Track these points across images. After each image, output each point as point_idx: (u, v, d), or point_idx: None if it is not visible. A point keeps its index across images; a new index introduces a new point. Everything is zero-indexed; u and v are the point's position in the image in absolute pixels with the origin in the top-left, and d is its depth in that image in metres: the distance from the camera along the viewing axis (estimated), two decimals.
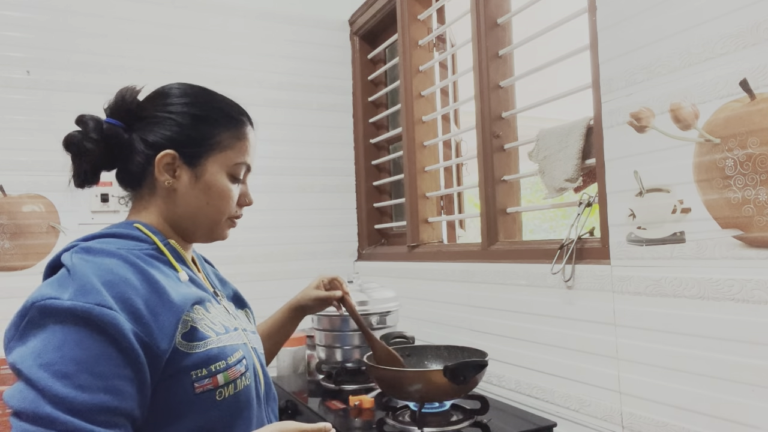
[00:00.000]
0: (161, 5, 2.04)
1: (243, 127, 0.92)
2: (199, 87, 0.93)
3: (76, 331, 0.68)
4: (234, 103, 0.94)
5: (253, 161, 0.94)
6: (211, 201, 0.89)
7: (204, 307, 0.84)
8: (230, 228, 0.95)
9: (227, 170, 0.90)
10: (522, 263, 1.43)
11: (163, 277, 0.80)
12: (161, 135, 0.87)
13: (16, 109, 1.82)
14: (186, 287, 0.83)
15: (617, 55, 1.14)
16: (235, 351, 0.83)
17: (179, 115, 0.88)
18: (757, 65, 0.89)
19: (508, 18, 1.58)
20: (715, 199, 0.96)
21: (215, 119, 0.89)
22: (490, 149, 1.59)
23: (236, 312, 0.98)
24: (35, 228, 1.82)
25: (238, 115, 0.92)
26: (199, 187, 0.89)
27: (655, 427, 1.08)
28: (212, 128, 0.89)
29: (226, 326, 0.86)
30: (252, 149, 0.94)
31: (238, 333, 0.88)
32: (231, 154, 0.90)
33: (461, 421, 1.23)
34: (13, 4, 1.83)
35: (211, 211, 0.90)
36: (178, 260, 0.88)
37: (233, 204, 0.91)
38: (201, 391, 0.77)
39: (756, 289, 0.90)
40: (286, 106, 2.25)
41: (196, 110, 0.89)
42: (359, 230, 2.37)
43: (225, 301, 0.96)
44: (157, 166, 0.86)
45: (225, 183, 0.89)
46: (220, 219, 0.91)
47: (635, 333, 1.12)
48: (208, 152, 0.88)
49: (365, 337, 1.29)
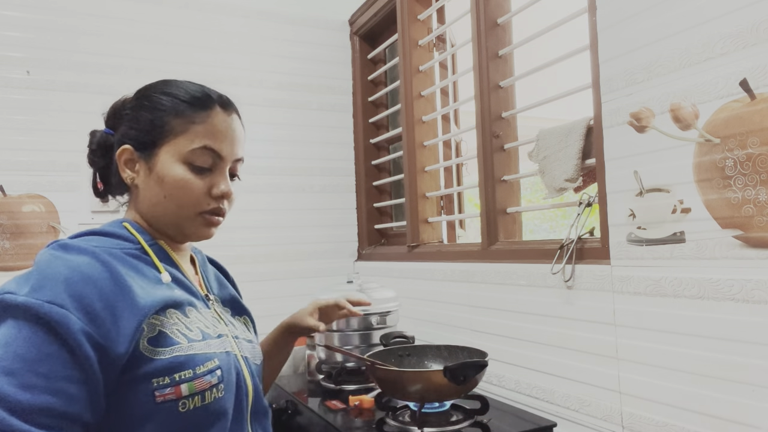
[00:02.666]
0: (161, 5, 2.04)
1: (201, 110, 0.85)
2: (163, 80, 0.89)
3: (28, 327, 0.66)
4: (193, 87, 0.88)
5: (228, 147, 0.86)
6: (168, 194, 0.83)
7: (182, 311, 0.80)
8: (209, 225, 0.87)
9: (182, 158, 0.83)
10: (522, 263, 1.43)
11: (138, 278, 0.77)
12: (122, 132, 0.87)
13: (16, 109, 1.82)
14: (164, 289, 0.79)
15: (617, 55, 1.14)
16: (207, 360, 0.78)
17: (133, 108, 0.87)
18: (757, 65, 0.89)
19: (508, 18, 1.58)
20: (715, 199, 0.96)
21: (165, 105, 0.85)
22: (490, 149, 1.59)
23: (231, 319, 0.93)
24: (35, 228, 1.82)
25: (195, 97, 0.86)
26: (153, 179, 0.84)
27: (655, 427, 1.08)
28: (162, 115, 0.84)
29: (205, 333, 0.81)
30: (220, 134, 0.85)
31: (222, 341, 0.83)
32: (184, 140, 0.83)
33: (461, 421, 1.23)
34: (13, 4, 1.83)
35: (171, 206, 0.84)
36: (164, 261, 0.84)
37: (197, 196, 0.84)
38: (162, 400, 0.73)
39: (756, 289, 0.90)
40: (286, 106, 2.25)
41: (146, 100, 0.86)
42: (359, 230, 2.37)
43: (218, 306, 0.92)
44: (118, 163, 0.86)
45: (179, 172, 0.83)
46: (185, 214, 0.84)
47: (635, 333, 1.12)
48: (159, 141, 0.84)
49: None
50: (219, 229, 0.93)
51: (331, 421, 1.31)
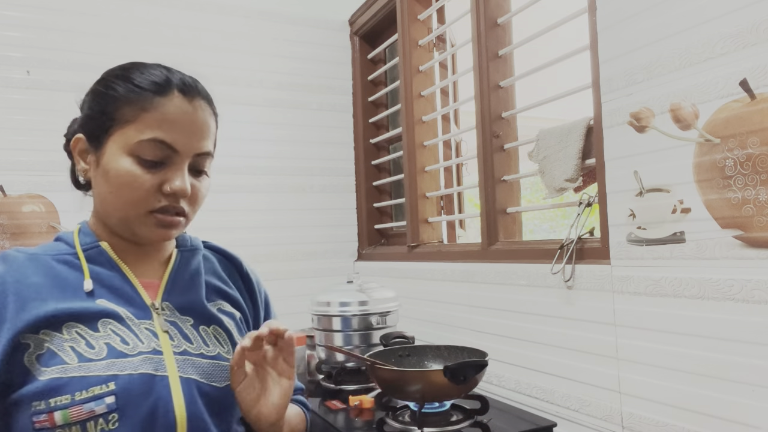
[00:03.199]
0: (161, 5, 2.04)
1: (154, 95, 0.75)
2: (128, 62, 0.81)
3: None
4: (155, 71, 0.78)
5: (184, 139, 0.76)
6: (113, 190, 0.75)
7: (90, 324, 0.72)
8: (162, 226, 0.77)
9: (128, 150, 0.74)
10: (522, 263, 1.43)
11: (53, 286, 0.72)
12: (81, 121, 0.81)
13: (16, 109, 1.82)
14: (77, 300, 0.73)
15: (617, 55, 1.14)
16: (94, 384, 0.67)
17: (90, 94, 0.80)
18: (757, 65, 0.89)
19: (508, 18, 1.58)
20: (715, 199, 0.96)
21: (118, 91, 0.76)
22: (490, 149, 1.59)
23: (189, 330, 0.80)
24: (35, 228, 1.82)
25: (152, 82, 0.76)
26: (100, 173, 0.76)
27: (655, 427, 1.08)
28: (113, 101, 0.76)
29: (116, 350, 0.71)
30: (175, 124, 0.75)
31: (143, 360, 0.72)
32: (132, 130, 0.74)
33: (461, 421, 1.23)
34: (13, 4, 1.83)
35: (116, 202, 0.75)
36: (103, 265, 0.78)
37: (144, 192, 0.74)
38: (39, 427, 0.66)
39: (756, 289, 0.90)
40: (286, 106, 2.25)
41: (101, 85, 0.79)
42: (359, 230, 2.37)
43: (167, 316, 0.79)
44: (73, 154, 0.80)
45: (124, 166, 0.74)
46: (133, 212, 0.75)
47: (635, 333, 1.12)
48: (107, 130, 0.76)
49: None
50: (219, 229, 0.89)
51: (331, 421, 1.31)
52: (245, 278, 0.96)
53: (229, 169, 2.10)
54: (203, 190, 0.82)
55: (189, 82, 0.79)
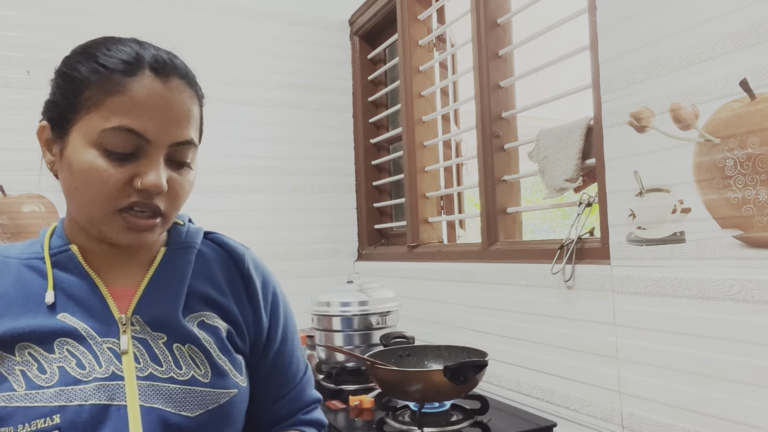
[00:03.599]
0: (161, 5, 2.04)
1: (122, 76, 0.64)
2: (97, 38, 0.71)
3: None
4: (125, 48, 0.67)
5: (156, 125, 0.65)
6: (77, 185, 0.66)
7: (43, 346, 0.64)
8: (132, 228, 0.67)
9: (92, 140, 0.64)
10: (522, 263, 1.43)
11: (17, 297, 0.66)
12: (45, 107, 0.72)
13: (16, 109, 1.81)
14: (35, 316, 0.65)
15: (617, 55, 1.14)
16: (37, 417, 0.61)
17: (55, 75, 0.71)
18: (757, 65, 0.89)
19: (508, 18, 1.58)
20: (715, 199, 0.96)
21: (81, 72, 0.66)
22: (490, 149, 1.59)
23: (161, 350, 0.69)
24: (35, 228, 1.82)
25: (120, 60, 0.65)
26: (64, 165, 0.68)
27: (655, 427, 1.08)
28: (75, 84, 0.66)
29: (69, 376, 0.63)
30: (145, 108, 0.64)
31: (99, 387, 0.64)
32: (96, 116, 0.64)
33: (461, 421, 1.23)
34: (13, 4, 1.83)
35: (81, 200, 0.67)
36: (70, 271, 0.70)
37: (109, 188, 0.64)
38: None
39: (756, 289, 0.90)
40: (286, 106, 2.25)
41: (64, 65, 0.70)
42: (359, 230, 2.37)
43: (134, 333, 0.69)
44: (40, 144, 0.72)
45: (87, 159, 0.64)
46: (99, 211, 0.66)
47: (635, 333, 1.12)
48: (70, 118, 0.66)
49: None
50: (219, 229, 0.83)
51: (331, 421, 1.31)
52: (246, 278, 0.81)
53: (229, 169, 2.11)
54: (185, 184, 0.70)
55: (163, 58, 0.68)
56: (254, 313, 0.81)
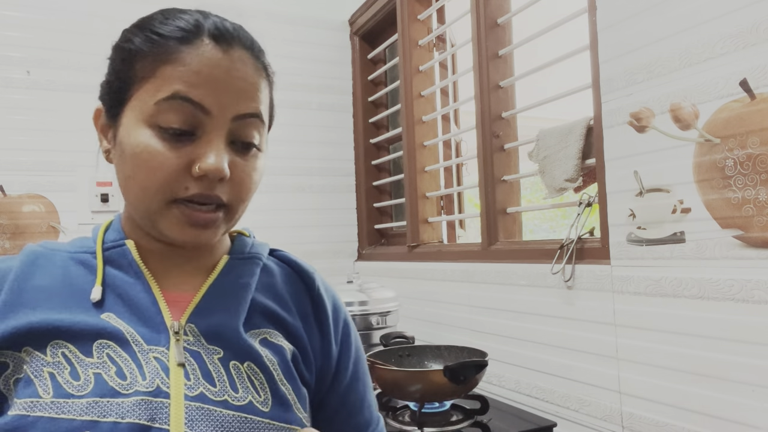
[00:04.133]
0: (161, 6, 2.04)
1: (178, 43, 0.57)
2: (158, 10, 0.65)
3: None
4: (184, 15, 0.60)
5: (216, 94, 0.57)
6: (130, 172, 0.58)
7: (79, 346, 0.56)
8: (190, 223, 0.58)
9: (146, 117, 0.57)
10: (522, 263, 1.43)
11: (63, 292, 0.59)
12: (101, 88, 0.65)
13: (16, 109, 1.82)
14: (76, 312, 0.58)
15: (617, 55, 1.14)
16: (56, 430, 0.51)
17: (112, 51, 0.65)
18: (757, 65, 0.89)
19: (508, 18, 1.58)
20: (715, 199, 0.96)
21: (135, 43, 0.60)
22: (490, 149, 1.59)
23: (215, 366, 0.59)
24: (35, 228, 1.82)
25: (176, 28, 0.58)
26: (118, 151, 0.60)
27: (655, 427, 1.08)
28: (129, 58, 0.59)
29: (106, 387, 0.54)
30: (203, 75, 0.56)
31: (138, 402, 0.53)
32: (149, 89, 0.57)
33: (461, 421, 1.23)
34: (13, 4, 1.83)
35: (134, 189, 0.58)
36: (123, 268, 0.62)
37: (163, 175, 0.56)
38: None
39: (756, 289, 0.90)
40: (286, 106, 2.25)
41: (119, 40, 0.63)
42: (359, 230, 2.37)
43: (186, 344, 0.59)
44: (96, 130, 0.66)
45: (141, 140, 0.56)
46: (152, 203, 0.57)
47: (635, 333, 1.12)
48: (123, 95, 0.59)
49: None
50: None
51: None
52: (316, 301, 0.71)
53: None
54: (252, 171, 0.61)
55: (225, 26, 0.61)
56: (323, 339, 0.69)
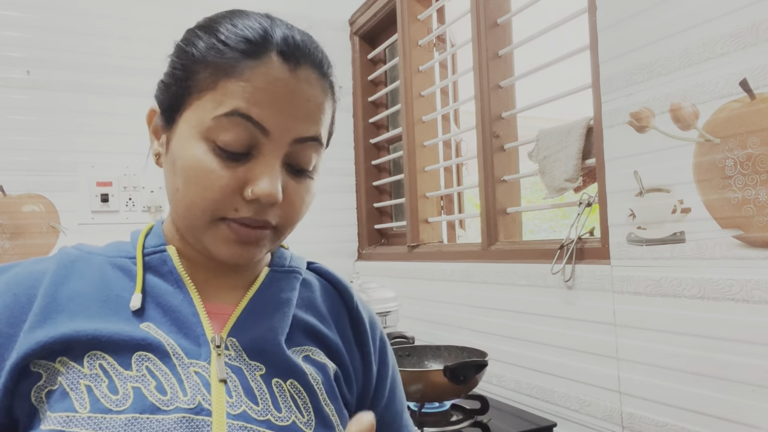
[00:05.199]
0: (162, 5, 2.04)
1: (243, 56, 0.54)
2: (226, 10, 0.62)
3: None
4: (253, 24, 0.56)
5: (278, 116, 0.54)
6: (181, 185, 0.55)
7: (118, 358, 0.52)
8: (237, 242, 0.56)
9: (203, 131, 0.54)
10: (522, 263, 1.43)
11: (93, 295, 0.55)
12: (157, 88, 0.62)
13: (16, 109, 1.82)
14: (114, 320, 0.54)
15: (617, 55, 1.14)
16: None
17: (174, 53, 0.61)
18: (757, 65, 0.89)
19: (508, 18, 1.58)
20: (715, 199, 0.96)
21: (198, 49, 0.56)
22: (490, 149, 1.59)
23: (256, 382, 0.56)
24: (35, 228, 1.82)
25: (243, 38, 0.55)
26: (168, 160, 0.58)
27: (655, 427, 1.08)
28: (190, 63, 0.56)
29: (146, 402, 0.50)
30: (267, 94, 0.54)
31: (179, 420, 0.50)
32: (208, 101, 0.54)
33: (461, 421, 1.23)
34: (13, 4, 1.83)
35: (183, 202, 0.56)
36: (164, 276, 0.59)
37: (217, 193, 0.54)
38: None
39: (756, 289, 0.90)
40: None
41: (182, 40, 0.60)
42: (359, 230, 2.37)
43: (227, 359, 0.56)
44: (148, 130, 0.62)
45: (195, 154, 0.54)
46: (199, 218, 0.55)
47: (635, 333, 1.12)
48: (181, 102, 0.57)
49: None
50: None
51: None
52: (354, 317, 0.69)
53: None
54: (305, 195, 0.59)
55: (295, 41, 0.56)
56: (363, 358, 0.67)
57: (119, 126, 1.90)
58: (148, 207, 1.95)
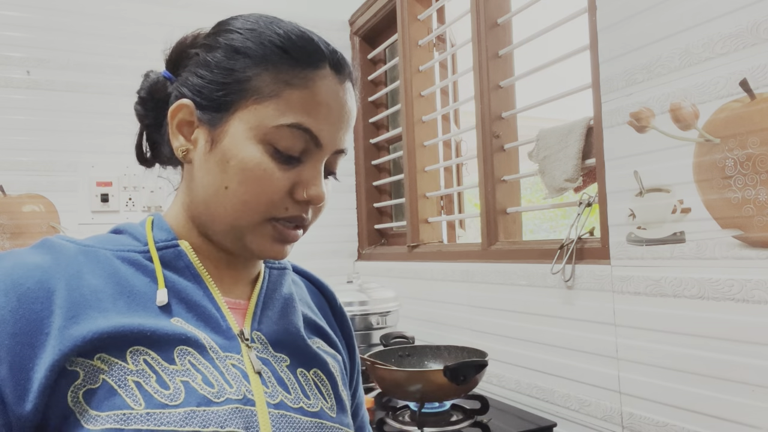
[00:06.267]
0: (161, 5, 2.04)
1: (304, 67, 0.57)
2: (267, 15, 0.62)
3: None
4: (297, 31, 0.59)
5: (331, 130, 0.59)
6: (232, 184, 0.56)
7: (161, 353, 0.52)
8: (280, 240, 0.59)
9: (262, 135, 0.56)
10: (522, 263, 1.43)
11: (115, 293, 0.54)
12: (183, 79, 0.61)
13: (16, 109, 1.82)
14: (146, 316, 0.53)
15: (617, 55, 1.14)
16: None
17: (207, 46, 0.60)
18: (757, 65, 0.89)
19: (508, 18, 1.58)
20: (715, 199, 0.96)
21: (252, 49, 0.57)
22: (490, 149, 1.59)
23: (284, 372, 0.60)
24: (35, 228, 1.82)
25: (299, 46, 0.57)
26: (215, 157, 0.57)
27: (655, 427, 1.08)
28: (246, 63, 0.57)
29: (197, 394, 0.51)
30: (325, 109, 0.57)
31: (232, 411, 0.52)
32: (271, 108, 0.56)
33: (461, 421, 1.23)
34: (13, 4, 1.83)
35: (233, 201, 0.56)
36: (179, 272, 0.59)
37: (272, 194, 0.56)
38: None
39: (756, 289, 0.90)
40: None
41: (224, 37, 0.59)
42: (359, 230, 2.37)
43: (258, 352, 0.59)
44: (170, 125, 0.60)
45: (254, 156, 0.56)
46: (250, 218, 0.57)
47: (635, 333, 1.12)
48: (234, 101, 0.57)
49: None
50: None
51: None
52: (339, 316, 0.75)
53: None
54: (329, 196, 0.63)
55: (339, 56, 0.60)
56: (349, 355, 0.75)
57: (119, 126, 1.90)
58: (148, 207, 1.96)
